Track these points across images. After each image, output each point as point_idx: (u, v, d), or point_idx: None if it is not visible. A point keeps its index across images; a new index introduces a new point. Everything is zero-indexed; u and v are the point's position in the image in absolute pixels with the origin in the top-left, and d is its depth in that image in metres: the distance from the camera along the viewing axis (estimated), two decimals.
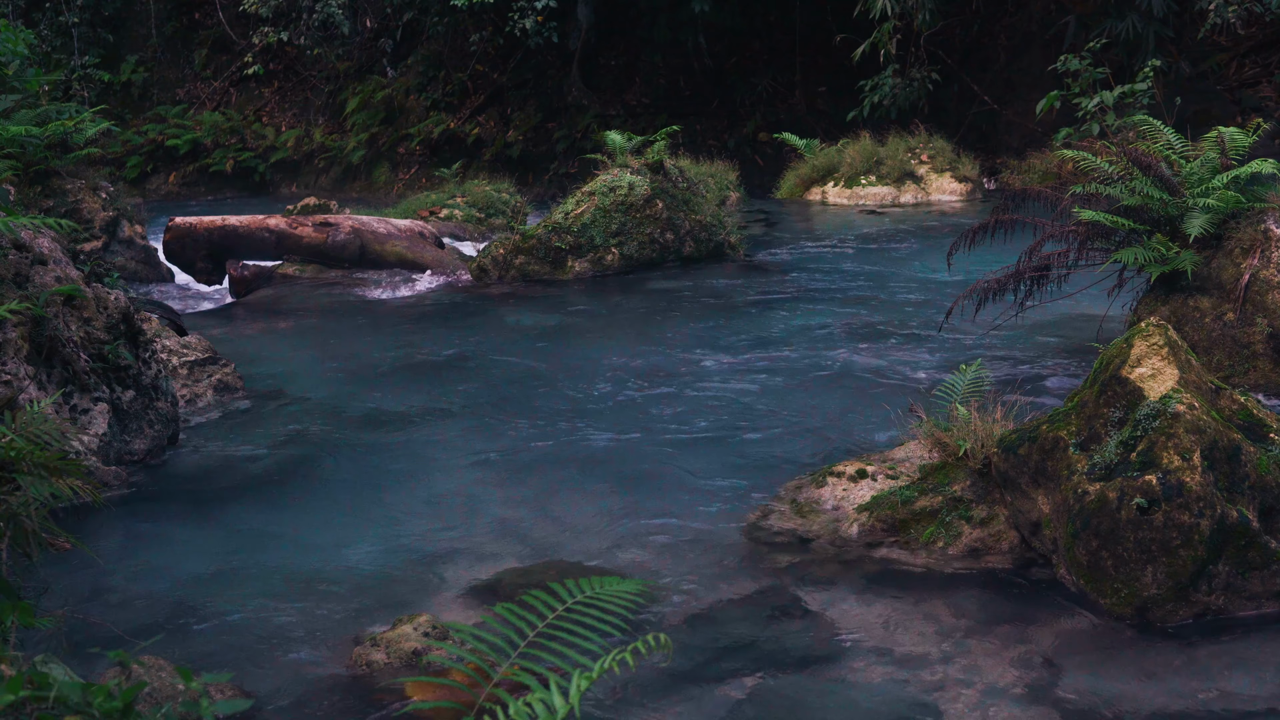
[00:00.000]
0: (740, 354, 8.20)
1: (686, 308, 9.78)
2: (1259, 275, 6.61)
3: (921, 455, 5.29)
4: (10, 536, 3.66)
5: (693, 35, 19.07)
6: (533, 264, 11.00)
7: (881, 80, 16.70)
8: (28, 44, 10.05)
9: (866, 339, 8.42)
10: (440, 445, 6.59)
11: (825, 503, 5.16)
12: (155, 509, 5.75)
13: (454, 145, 20.01)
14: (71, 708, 2.15)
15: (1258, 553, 4.25)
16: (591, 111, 19.55)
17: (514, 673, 2.46)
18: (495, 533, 5.33)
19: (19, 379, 5.60)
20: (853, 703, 3.90)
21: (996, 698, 3.88)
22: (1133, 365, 4.57)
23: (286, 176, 21.11)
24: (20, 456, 3.79)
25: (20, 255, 6.00)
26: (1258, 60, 16.07)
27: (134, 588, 4.87)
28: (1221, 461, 4.32)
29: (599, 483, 5.91)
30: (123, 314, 6.35)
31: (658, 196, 11.25)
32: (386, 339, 9.13)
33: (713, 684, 4.01)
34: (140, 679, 3.50)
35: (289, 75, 22.31)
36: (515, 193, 14.61)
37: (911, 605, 4.50)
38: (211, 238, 11.56)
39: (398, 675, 4.02)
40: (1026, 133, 16.46)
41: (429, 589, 4.80)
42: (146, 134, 21.40)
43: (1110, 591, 4.28)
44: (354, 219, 11.91)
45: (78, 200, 10.65)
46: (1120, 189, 7.04)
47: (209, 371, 7.46)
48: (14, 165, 9.26)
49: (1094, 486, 4.36)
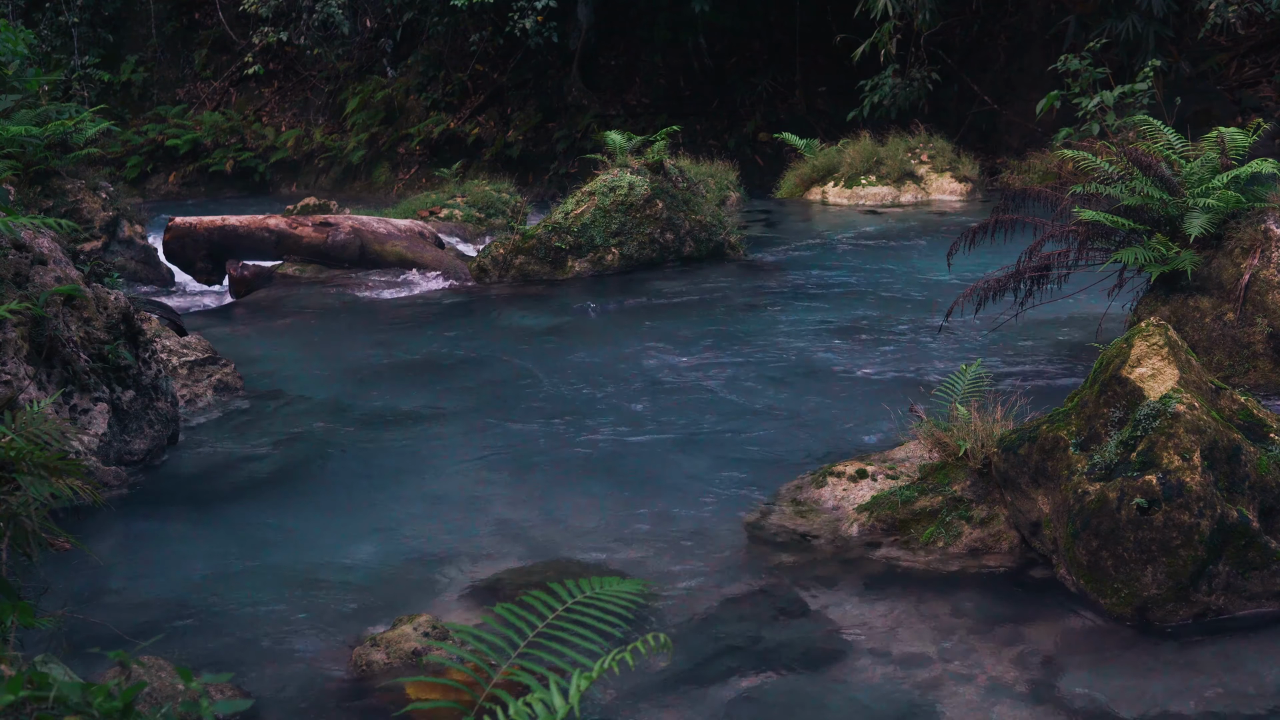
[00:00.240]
0: (740, 353, 8.20)
1: (686, 308, 9.78)
2: (1259, 275, 6.61)
3: (921, 455, 5.29)
4: (10, 536, 3.66)
5: (693, 35, 19.07)
6: (533, 264, 11.00)
7: (881, 80, 16.70)
8: (28, 44, 10.05)
9: (866, 339, 8.42)
10: (440, 445, 6.59)
11: (825, 502, 5.16)
12: (155, 509, 5.75)
13: (454, 145, 20.01)
14: (71, 708, 2.15)
15: (1258, 553, 4.25)
16: (591, 111, 19.55)
17: (514, 673, 2.46)
18: (495, 533, 5.33)
19: (19, 379, 5.60)
20: (853, 702, 3.90)
21: (996, 697, 3.88)
22: (1133, 365, 4.57)
23: (286, 176, 21.11)
24: (20, 456, 3.79)
25: (20, 255, 6.00)
26: (1258, 60, 16.07)
27: (134, 588, 4.87)
28: (1221, 461, 4.32)
29: (599, 483, 5.90)
30: (123, 314, 6.35)
31: (658, 196, 11.25)
32: (386, 339, 9.13)
33: (713, 684, 4.01)
34: (140, 679, 3.50)
35: (289, 75, 22.31)
36: (515, 193, 14.61)
37: (911, 605, 4.50)
38: (211, 238, 11.56)
39: (398, 675, 4.02)
40: (1026, 133, 16.45)
41: (429, 589, 4.80)
42: (146, 134, 21.40)
43: (1110, 591, 4.28)
44: (354, 219, 11.91)
45: (78, 200, 10.65)
46: (1120, 189, 7.04)
47: (209, 371, 7.46)
48: (14, 165, 9.27)
49: (1094, 486, 4.36)
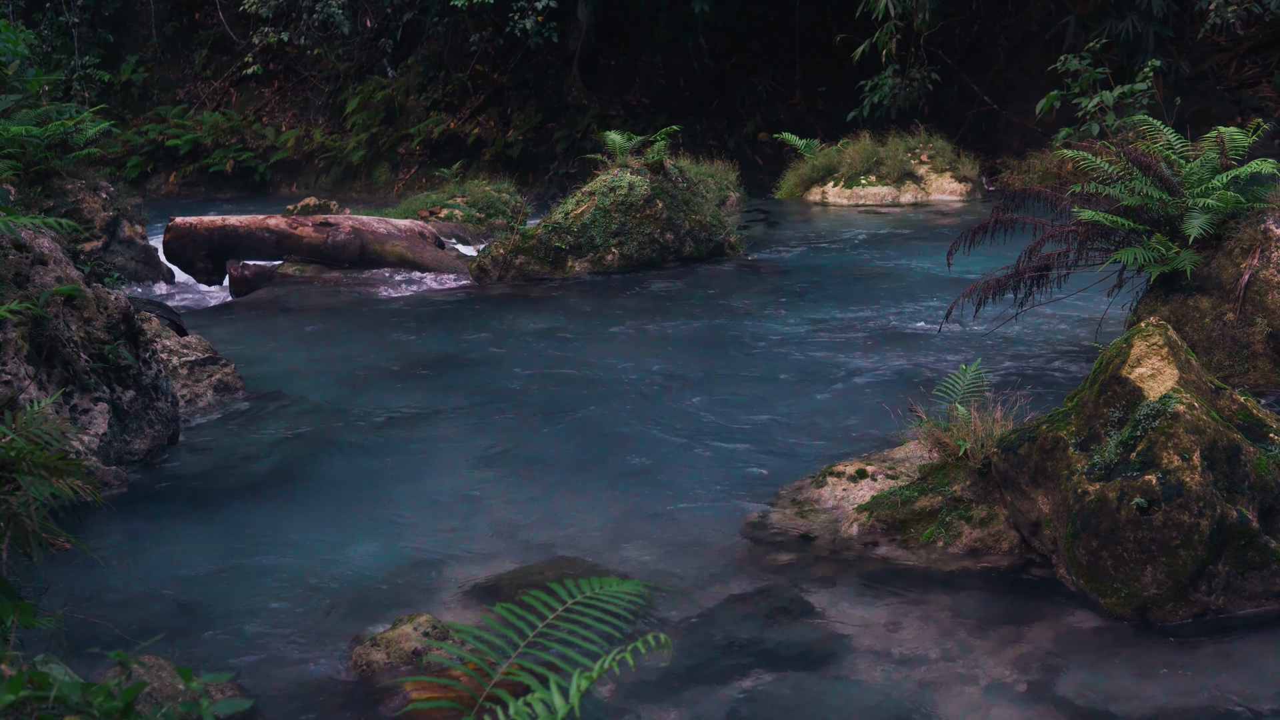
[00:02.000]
0: (740, 353, 8.20)
1: (686, 308, 9.78)
2: (1259, 275, 6.61)
3: (921, 455, 5.30)
4: (10, 536, 3.66)
5: (693, 35, 19.06)
6: (533, 264, 11.00)
7: (881, 80, 16.69)
8: (28, 44, 10.06)
9: (866, 339, 8.42)
10: (440, 445, 6.59)
11: (825, 503, 5.16)
12: (155, 509, 5.75)
13: (454, 145, 19.99)
14: (71, 708, 2.15)
15: (1257, 553, 4.26)
16: (591, 111, 19.54)
17: (514, 672, 2.46)
18: (495, 533, 5.33)
19: (19, 379, 5.60)
20: (853, 702, 3.90)
21: (996, 697, 3.88)
22: (1133, 365, 4.57)
23: (286, 176, 21.10)
24: (20, 456, 3.79)
25: (20, 255, 6.00)
26: (1258, 60, 16.07)
27: (134, 588, 4.88)
28: (1221, 461, 4.32)
29: (599, 482, 5.91)
30: (123, 314, 6.35)
31: (658, 196, 11.25)
32: (386, 339, 9.13)
33: (713, 684, 4.01)
34: (140, 679, 3.50)
35: (289, 75, 22.30)
36: (515, 193, 14.60)
37: (911, 605, 4.50)
38: (211, 238, 11.56)
39: (398, 675, 4.02)
40: (1026, 133, 16.45)
41: (429, 589, 4.80)
42: (146, 134, 21.39)
43: (1110, 591, 4.28)
44: (354, 219, 11.91)
45: (78, 200, 10.65)
46: (1120, 189, 7.04)
47: (209, 371, 7.46)
48: (14, 165, 9.27)
49: (1094, 486, 4.36)
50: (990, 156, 16.78)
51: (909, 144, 15.88)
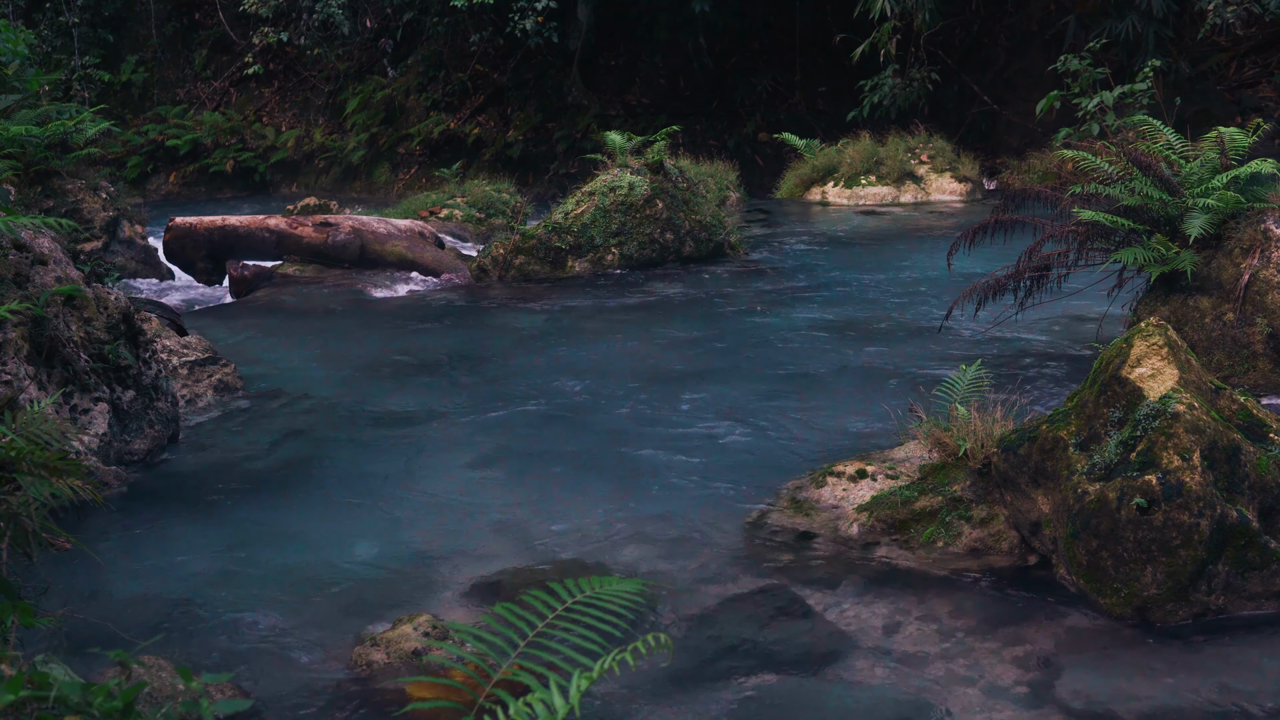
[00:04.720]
0: (740, 353, 8.20)
1: (686, 307, 9.78)
2: (1259, 275, 6.61)
3: (921, 455, 5.30)
4: (10, 536, 3.66)
5: (693, 35, 19.06)
6: (533, 264, 11.00)
7: (881, 80, 16.69)
8: (28, 44, 10.06)
9: (866, 339, 8.42)
10: (440, 445, 6.59)
11: (825, 502, 5.16)
12: (155, 509, 5.75)
13: (454, 145, 19.99)
14: (71, 708, 2.15)
15: (1257, 553, 4.26)
16: (591, 111, 19.54)
17: (514, 672, 2.46)
18: (495, 533, 5.33)
19: (19, 379, 5.60)
20: (853, 702, 3.90)
21: (996, 697, 3.88)
22: (1133, 365, 4.57)
23: (286, 176, 21.10)
24: (20, 456, 3.79)
25: (20, 255, 6.00)
26: (1257, 60, 16.07)
27: (134, 588, 4.87)
28: (1221, 461, 4.32)
29: (599, 482, 5.90)
30: (123, 314, 6.35)
31: (658, 196, 11.25)
32: (386, 339, 9.13)
33: (713, 684, 4.01)
34: (140, 679, 3.50)
35: (289, 75, 22.30)
36: (515, 193, 14.60)
37: (911, 605, 4.50)
38: (211, 238, 11.56)
39: (398, 675, 4.02)
40: (1026, 133, 16.45)
41: (429, 589, 4.80)
42: (146, 134, 21.38)
43: (1110, 591, 4.28)
44: (354, 219, 11.91)
45: (78, 200, 10.65)
46: (1120, 189, 7.04)
47: (209, 371, 7.46)
48: (14, 165, 9.27)
49: (1094, 486, 4.36)
50: (990, 156, 16.79)
51: (909, 144, 15.89)
